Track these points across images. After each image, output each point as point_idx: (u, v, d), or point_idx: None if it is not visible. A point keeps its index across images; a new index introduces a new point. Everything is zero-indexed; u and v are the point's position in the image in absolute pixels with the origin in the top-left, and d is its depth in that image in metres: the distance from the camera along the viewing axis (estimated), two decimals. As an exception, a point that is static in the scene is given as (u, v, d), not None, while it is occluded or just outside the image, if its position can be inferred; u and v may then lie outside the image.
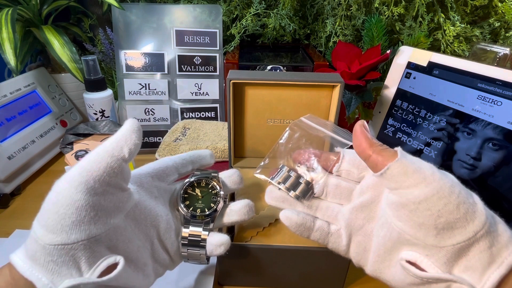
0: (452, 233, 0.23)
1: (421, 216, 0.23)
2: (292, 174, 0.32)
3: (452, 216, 0.23)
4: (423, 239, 0.24)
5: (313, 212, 0.32)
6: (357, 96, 0.54)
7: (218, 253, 0.31)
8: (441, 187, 0.23)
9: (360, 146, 0.27)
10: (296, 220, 0.30)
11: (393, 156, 0.25)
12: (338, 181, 0.31)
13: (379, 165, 0.25)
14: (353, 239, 0.30)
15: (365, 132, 0.27)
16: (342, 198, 0.31)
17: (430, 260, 0.24)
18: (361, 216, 0.29)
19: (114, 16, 0.64)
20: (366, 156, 0.27)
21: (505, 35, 0.60)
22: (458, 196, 0.23)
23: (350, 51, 0.56)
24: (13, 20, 0.52)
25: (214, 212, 0.32)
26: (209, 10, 0.66)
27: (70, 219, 0.23)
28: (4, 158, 0.52)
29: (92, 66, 0.55)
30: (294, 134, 0.37)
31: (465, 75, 0.44)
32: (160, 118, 0.68)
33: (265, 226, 0.41)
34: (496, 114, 0.41)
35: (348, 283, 0.41)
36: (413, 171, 0.24)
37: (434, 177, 0.24)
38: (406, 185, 0.24)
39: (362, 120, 0.28)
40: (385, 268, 0.27)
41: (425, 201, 0.23)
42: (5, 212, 0.52)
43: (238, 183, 0.35)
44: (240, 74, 0.43)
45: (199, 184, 0.33)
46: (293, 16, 0.72)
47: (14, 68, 0.51)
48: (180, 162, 0.34)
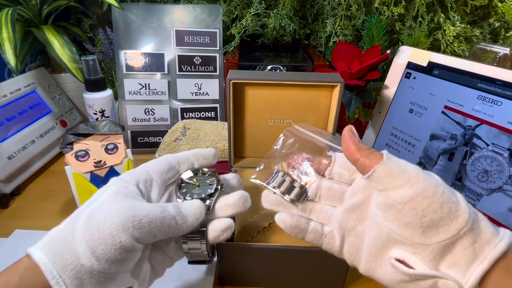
0: (437, 231, 0.24)
1: (407, 216, 0.24)
2: (287, 178, 0.34)
3: (436, 215, 0.24)
4: (410, 237, 0.25)
5: (307, 214, 0.33)
6: (357, 96, 0.54)
7: (225, 238, 0.31)
8: (425, 188, 0.24)
9: (348, 150, 0.28)
10: (291, 222, 0.31)
11: (379, 159, 0.26)
12: (330, 184, 0.32)
13: (366, 168, 0.27)
14: (346, 239, 0.30)
15: (353, 137, 0.29)
16: (335, 200, 0.32)
17: (418, 258, 0.25)
18: (353, 217, 0.30)
19: (114, 16, 0.64)
20: (354, 160, 0.28)
21: (505, 35, 0.60)
22: (442, 195, 0.24)
23: (350, 51, 0.56)
24: (13, 20, 0.52)
25: (210, 195, 0.32)
26: (209, 10, 0.66)
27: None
28: (4, 158, 0.52)
29: (92, 66, 0.55)
30: (287, 140, 0.39)
31: (465, 75, 0.44)
32: (160, 118, 0.68)
33: (265, 226, 0.41)
34: (496, 114, 0.41)
35: (348, 283, 0.41)
36: (398, 173, 0.25)
37: (418, 178, 0.25)
38: (392, 186, 0.25)
39: (350, 125, 0.30)
40: (377, 267, 0.28)
41: (410, 201, 0.24)
42: (5, 212, 0.52)
43: (237, 187, 0.35)
44: (240, 74, 0.43)
45: (196, 174, 0.34)
46: (293, 16, 0.72)
47: (14, 68, 0.51)
48: (183, 159, 0.34)
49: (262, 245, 0.37)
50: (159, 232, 0.27)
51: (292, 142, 0.39)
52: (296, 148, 0.38)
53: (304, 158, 0.34)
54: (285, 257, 0.37)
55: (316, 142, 0.39)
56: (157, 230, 0.27)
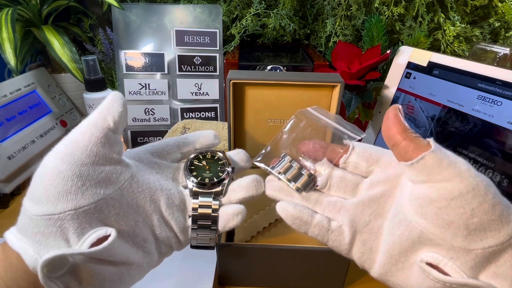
0: (484, 235, 0.21)
1: (451, 214, 0.22)
2: (294, 164, 0.31)
3: (486, 217, 0.21)
4: (450, 239, 0.22)
5: (311, 205, 0.30)
6: (357, 96, 0.54)
7: (234, 224, 0.29)
8: (478, 185, 0.21)
9: (391, 129, 0.25)
10: (293, 212, 0.28)
11: (426, 146, 0.23)
12: (343, 173, 0.30)
13: (410, 153, 0.23)
14: (358, 237, 0.27)
15: (400, 116, 0.25)
16: (346, 192, 0.29)
17: (455, 264, 0.22)
18: (368, 212, 0.27)
19: (114, 16, 0.64)
20: (396, 142, 0.24)
21: (505, 35, 0.60)
22: (494, 196, 0.21)
23: (350, 51, 0.56)
24: (13, 20, 0.52)
25: (222, 180, 0.31)
26: (209, 10, 0.66)
27: (56, 190, 0.22)
28: (4, 158, 0.52)
29: (92, 66, 0.55)
30: (299, 123, 0.35)
31: (465, 75, 0.44)
32: (160, 118, 0.68)
33: (265, 226, 0.41)
34: (496, 114, 0.41)
35: (348, 283, 0.41)
36: (448, 164, 0.22)
37: (470, 173, 0.22)
38: (439, 178, 0.22)
39: (397, 104, 0.26)
40: (398, 270, 0.25)
41: (459, 198, 0.21)
42: (5, 212, 0.52)
43: (245, 160, 0.34)
44: (240, 74, 0.43)
45: (205, 156, 0.33)
46: (293, 16, 0.72)
47: (14, 68, 0.51)
48: (182, 140, 0.33)
49: (262, 245, 0.37)
50: None
51: (304, 126, 0.35)
52: (308, 132, 0.34)
53: (318, 144, 0.31)
54: (285, 257, 0.37)
55: (330, 128, 0.35)
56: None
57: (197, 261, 0.41)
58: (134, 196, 0.27)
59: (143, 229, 0.27)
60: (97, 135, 0.24)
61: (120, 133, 0.27)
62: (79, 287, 0.23)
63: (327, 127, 0.35)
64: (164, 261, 0.30)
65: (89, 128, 0.24)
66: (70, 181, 0.23)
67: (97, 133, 0.24)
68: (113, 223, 0.25)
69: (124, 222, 0.26)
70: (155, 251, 0.28)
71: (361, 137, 0.32)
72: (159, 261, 0.29)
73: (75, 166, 0.23)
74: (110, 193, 0.25)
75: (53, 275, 0.21)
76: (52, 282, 0.21)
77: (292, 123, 0.35)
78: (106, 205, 0.24)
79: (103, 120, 0.25)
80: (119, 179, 0.26)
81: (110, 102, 0.26)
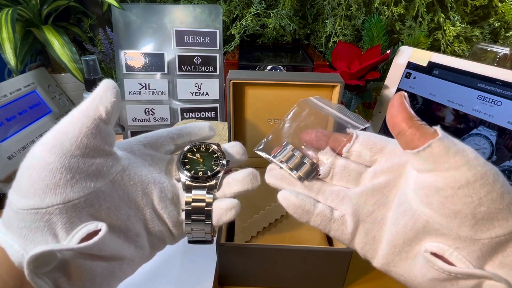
0: (491, 224, 0.21)
1: (458, 203, 0.21)
2: (296, 153, 0.30)
3: (494, 206, 0.20)
4: (456, 229, 0.21)
5: (314, 194, 0.29)
6: (357, 96, 0.54)
7: (228, 219, 0.29)
8: (486, 173, 0.21)
9: (396, 117, 0.24)
10: (295, 201, 0.27)
11: (433, 134, 0.22)
12: (347, 162, 0.29)
13: (416, 141, 0.23)
14: (361, 226, 0.27)
15: (405, 103, 0.24)
16: (349, 181, 0.29)
17: (461, 254, 0.22)
18: (371, 201, 0.27)
19: (114, 16, 0.64)
20: (401, 130, 0.23)
21: (505, 35, 0.60)
22: (503, 185, 0.21)
23: (350, 51, 0.56)
24: (13, 20, 0.52)
25: (217, 173, 0.30)
26: (209, 10, 0.66)
27: (44, 182, 0.21)
28: (4, 158, 0.52)
29: (92, 66, 0.55)
30: (302, 111, 0.34)
31: (465, 75, 0.44)
32: (160, 118, 0.68)
33: (265, 226, 0.41)
34: (496, 114, 0.41)
35: (348, 283, 0.41)
36: (455, 152, 0.21)
37: (478, 161, 0.21)
38: (446, 166, 0.21)
39: (402, 91, 0.25)
40: (401, 260, 0.25)
41: (466, 186, 0.21)
42: (5, 212, 0.52)
43: (241, 153, 0.33)
44: (240, 74, 0.43)
45: (199, 149, 0.32)
46: (293, 16, 0.72)
47: (14, 68, 0.51)
48: (176, 132, 0.32)
49: (262, 245, 0.37)
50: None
51: (306, 114, 0.34)
52: (310, 121, 0.34)
53: (321, 133, 0.31)
54: (285, 257, 0.37)
55: (333, 117, 0.34)
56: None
57: (197, 261, 0.41)
58: (126, 189, 0.26)
59: (135, 223, 0.26)
60: (88, 125, 0.23)
61: (112, 123, 0.26)
62: (69, 283, 0.22)
63: (330, 116, 0.34)
64: (164, 261, 0.30)
65: (80, 118, 0.23)
66: (58, 173, 0.22)
67: (88, 123, 0.23)
68: (104, 217, 0.24)
69: (115, 216, 0.25)
70: (147, 245, 0.27)
71: (364, 126, 0.31)
72: (151, 255, 0.29)
73: (64, 158, 0.22)
74: (100, 186, 0.24)
75: (40, 271, 0.21)
76: (39, 278, 0.20)
77: (295, 112, 0.34)
78: (96, 199, 0.23)
79: (95, 110, 0.24)
80: (110, 172, 0.25)
81: (102, 90, 0.24)
